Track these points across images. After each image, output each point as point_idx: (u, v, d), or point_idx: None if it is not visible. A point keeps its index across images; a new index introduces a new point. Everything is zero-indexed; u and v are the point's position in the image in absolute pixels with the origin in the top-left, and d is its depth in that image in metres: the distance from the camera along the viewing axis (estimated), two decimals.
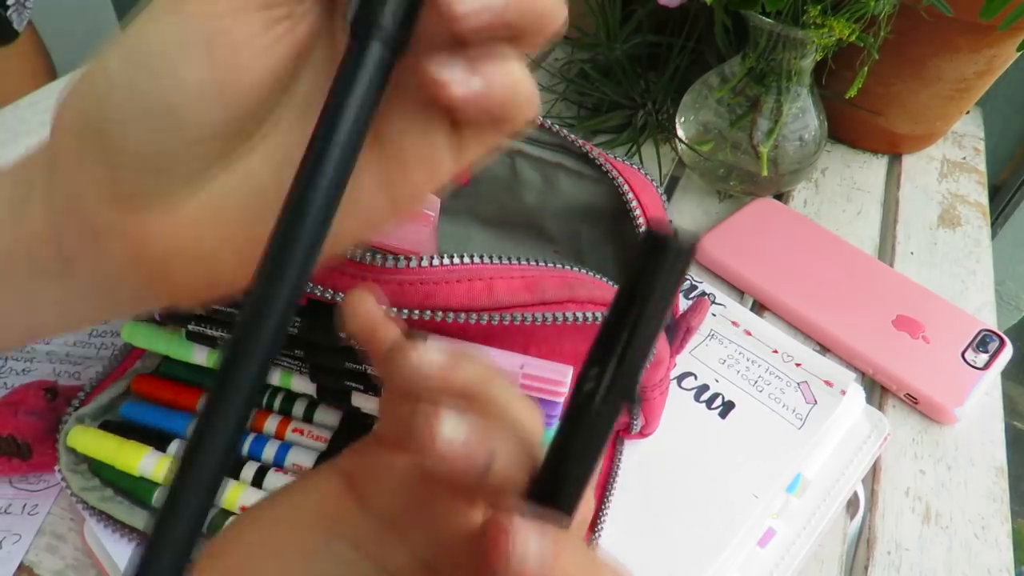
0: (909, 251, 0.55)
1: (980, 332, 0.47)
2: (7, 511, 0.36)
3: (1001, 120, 0.74)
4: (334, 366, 0.32)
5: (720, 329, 0.45)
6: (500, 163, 0.37)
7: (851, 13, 0.45)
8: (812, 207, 0.59)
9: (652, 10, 0.59)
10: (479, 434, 0.16)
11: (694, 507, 0.36)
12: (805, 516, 0.37)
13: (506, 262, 0.30)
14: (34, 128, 0.60)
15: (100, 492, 0.34)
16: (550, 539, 0.14)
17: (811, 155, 0.55)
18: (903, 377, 0.44)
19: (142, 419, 0.36)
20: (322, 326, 0.30)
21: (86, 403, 0.36)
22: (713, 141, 0.56)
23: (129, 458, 0.34)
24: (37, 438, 0.37)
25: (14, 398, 0.38)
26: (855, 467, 0.39)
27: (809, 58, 0.50)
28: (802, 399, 0.41)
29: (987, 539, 0.39)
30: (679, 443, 0.39)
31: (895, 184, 0.62)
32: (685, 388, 0.42)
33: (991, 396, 0.45)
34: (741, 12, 0.48)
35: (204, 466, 0.14)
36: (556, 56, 0.71)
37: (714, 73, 0.56)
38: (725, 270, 0.51)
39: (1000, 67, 0.57)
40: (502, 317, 0.28)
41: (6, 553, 0.35)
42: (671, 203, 0.58)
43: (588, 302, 0.29)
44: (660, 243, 0.14)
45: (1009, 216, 0.83)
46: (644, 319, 0.14)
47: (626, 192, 0.34)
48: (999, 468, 0.42)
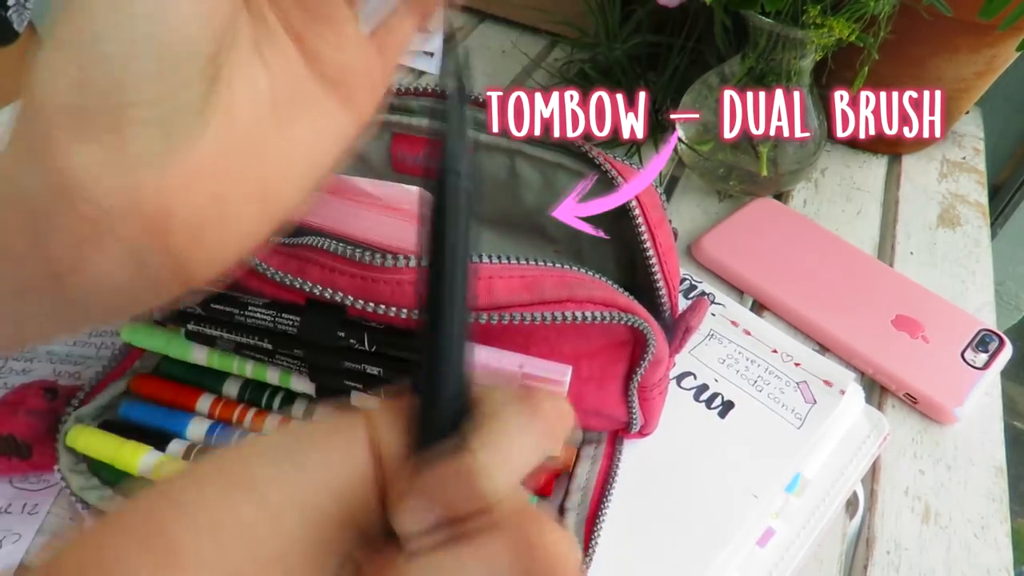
0: (909, 251, 0.55)
1: (980, 332, 0.47)
2: (7, 511, 0.36)
3: (1001, 120, 0.74)
4: (333, 366, 0.32)
5: (719, 329, 0.45)
6: (500, 163, 0.37)
7: (851, 13, 0.45)
8: (812, 207, 0.59)
9: (652, 10, 0.59)
10: None
11: (694, 507, 0.36)
12: (804, 516, 0.37)
13: (505, 262, 0.30)
14: None
15: (100, 492, 0.34)
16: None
17: (811, 155, 0.55)
18: (903, 377, 0.44)
19: (142, 419, 0.36)
20: (322, 326, 0.30)
21: (86, 403, 0.36)
22: (713, 141, 0.56)
23: (129, 458, 0.34)
24: (37, 438, 0.37)
25: (14, 398, 0.38)
26: (854, 467, 0.39)
27: (809, 58, 0.50)
28: (801, 399, 0.41)
29: (986, 539, 0.39)
30: (679, 443, 0.39)
31: (895, 184, 0.62)
32: (684, 388, 0.42)
33: (991, 396, 0.45)
34: (741, 12, 0.48)
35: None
36: (556, 56, 0.71)
37: (714, 73, 0.56)
38: (725, 270, 0.51)
39: (1000, 67, 0.57)
40: (501, 317, 0.28)
41: (6, 553, 0.35)
42: (671, 203, 0.58)
43: (588, 302, 0.29)
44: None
45: (1009, 216, 0.83)
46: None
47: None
48: (999, 468, 0.42)
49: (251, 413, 0.36)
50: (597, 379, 0.34)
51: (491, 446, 0.15)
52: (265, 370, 0.35)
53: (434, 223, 0.17)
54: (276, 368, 0.35)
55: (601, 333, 0.32)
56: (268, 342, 0.32)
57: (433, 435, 0.16)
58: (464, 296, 0.17)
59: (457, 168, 0.17)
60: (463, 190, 0.17)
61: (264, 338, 0.32)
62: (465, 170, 0.17)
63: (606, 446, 0.38)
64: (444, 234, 0.17)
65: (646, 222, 0.33)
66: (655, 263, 0.33)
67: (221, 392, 0.37)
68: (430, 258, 0.17)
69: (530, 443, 0.16)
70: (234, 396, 0.37)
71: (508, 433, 0.16)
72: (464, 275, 0.17)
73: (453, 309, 0.17)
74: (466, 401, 0.17)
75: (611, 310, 0.29)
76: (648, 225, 0.33)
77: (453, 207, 0.17)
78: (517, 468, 0.16)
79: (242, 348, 0.35)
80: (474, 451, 0.15)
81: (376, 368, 0.31)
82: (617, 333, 0.32)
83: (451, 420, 0.16)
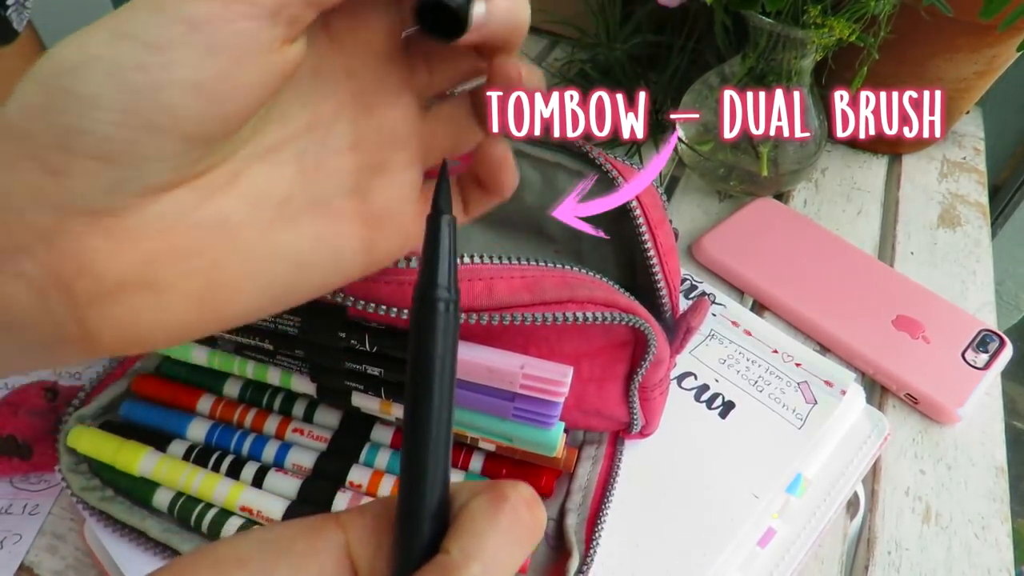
0: (909, 251, 0.55)
1: (980, 332, 0.47)
2: (8, 511, 0.36)
3: (1001, 120, 0.74)
4: (334, 366, 0.32)
5: (720, 329, 0.45)
6: None
7: (851, 13, 0.45)
8: (812, 207, 0.59)
9: (652, 10, 0.59)
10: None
11: (694, 507, 0.36)
12: (805, 516, 0.37)
13: (506, 262, 0.30)
14: None
15: (100, 492, 0.34)
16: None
17: (811, 155, 0.55)
18: (903, 377, 0.44)
19: (142, 419, 0.36)
20: (322, 326, 0.30)
21: (86, 403, 0.36)
22: (713, 141, 0.56)
23: (129, 458, 0.34)
24: (37, 438, 0.37)
25: (15, 398, 0.38)
26: (855, 467, 0.39)
27: (809, 58, 0.50)
28: (802, 399, 0.41)
29: (987, 539, 0.39)
30: (679, 443, 0.39)
31: (895, 184, 0.62)
32: (685, 388, 0.42)
33: (991, 396, 0.45)
34: (741, 12, 0.48)
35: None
36: (556, 56, 0.71)
37: (714, 73, 0.56)
38: (725, 270, 0.51)
39: (1000, 67, 0.57)
40: (502, 317, 0.28)
41: (7, 553, 0.35)
42: (671, 203, 0.58)
43: (588, 302, 0.29)
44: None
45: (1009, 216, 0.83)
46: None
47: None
48: (999, 468, 0.42)
49: (252, 414, 0.36)
50: (598, 379, 0.34)
51: (479, 559, 0.15)
52: (266, 370, 0.35)
53: (419, 344, 0.17)
54: (277, 369, 0.35)
55: (602, 333, 0.32)
56: (269, 342, 0.32)
57: (414, 551, 0.16)
58: (449, 414, 0.17)
59: (447, 293, 0.17)
60: (451, 311, 0.17)
61: (265, 338, 0.32)
62: (453, 292, 0.17)
63: (607, 447, 0.38)
64: (431, 356, 0.17)
65: (647, 222, 0.33)
66: (656, 263, 0.33)
67: (222, 392, 0.37)
68: (415, 376, 0.17)
69: (512, 546, 0.16)
70: (235, 397, 0.37)
71: (490, 540, 0.16)
72: (449, 395, 0.17)
73: (439, 428, 0.17)
74: (446, 514, 0.17)
75: (612, 310, 0.29)
76: (649, 225, 0.33)
77: (440, 329, 0.17)
78: (505, 575, 0.16)
79: (243, 348, 0.35)
80: (465, 568, 0.15)
81: (377, 369, 0.31)
82: (618, 333, 0.32)
83: (431, 535, 0.16)
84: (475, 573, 0.15)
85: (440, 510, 0.16)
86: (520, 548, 0.16)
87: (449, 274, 0.18)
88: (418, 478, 0.16)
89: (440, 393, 0.17)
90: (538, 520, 0.17)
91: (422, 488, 0.16)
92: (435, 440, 0.17)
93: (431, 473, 0.16)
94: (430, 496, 0.16)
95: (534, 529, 0.17)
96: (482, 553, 0.15)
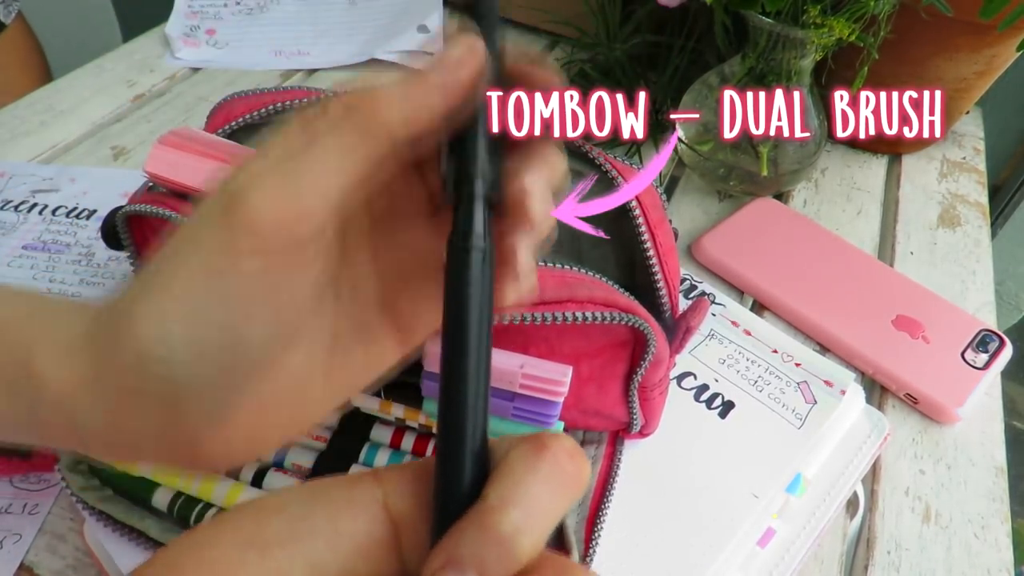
0: (909, 251, 0.55)
1: (980, 332, 0.47)
2: (7, 511, 0.36)
3: (1001, 120, 0.74)
4: None
5: (720, 329, 0.45)
6: None
7: (851, 13, 0.45)
8: (812, 207, 0.59)
9: (652, 10, 0.59)
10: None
11: (694, 507, 0.36)
12: (805, 516, 0.37)
13: None
14: (34, 128, 0.60)
15: (100, 492, 0.34)
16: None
17: (811, 155, 0.55)
18: (903, 377, 0.44)
19: None
20: None
21: None
22: (713, 141, 0.56)
23: None
24: None
25: None
26: (855, 467, 0.39)
27: (809, 58, 0.50)
28: (802, 399, 0.41)
29: (987, 539, 0.39)
30: (679, 443, 0.39)
31: (895, 184, 0.62)
32: (685, 388, 0.42)
33: (991, 396, 0.45)
34: (741, 12, 0.48)
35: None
36: (556, 56, 0.71)
37: (714, 73, 0.56)
38: (725, 270, 0.51)
39: (1000, 67, 0.57)
40: (502, 317, 0.28)
41: (7, 553, 0.35)
42: (671, 203, 0.58)
43: (588, 302, 0.29)
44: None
45: (1009, 216, 0.83)
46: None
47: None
48: (999, 468, 0.42)
49: None
50: (597, 379, 0.34)
51: (518, 505, 0.15)
52: None
53: (454, 289, 0.17)
54: None
55: (601, 333, 0.32)
56: None
57: (454, 498, 0.16)
58: (488, 362, 0.17)
59: (481, 243, 0.17)
60: (485, 257, 0.17)
61: None
62: (488, 243, 0.18)
63: (606, 446, 0.38)
64: (467, 301, 0.17)
65: (646, 222, 0.33)
66: (655, 263, 0.33)
67: None
68: (450, 322, 0.17)
69: (552, 494, 0.16)
70: None
71: (530, 487, 0.15)
72: (487, 343, 0.17)
73: (479, 373, 0.17)
74: (485, 462, 0.16)
75: (611, 310, 0.29)
76: (648, 225, 0.33)
77: (475, 275, 0.17)
78: (546, 524, 0.15)
79: None
80: (503, 512, 0.15)
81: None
82: (617, 333, 0.32)
83: (471, 482, 0.16)
84: (514, 519, 0.15)
85: (480, 458, 0.16)
86: (561, 497, 0.16)
87: (484, 225, 0.18)
88: (458, 426, 0.16)
89: (478, 340, 0.17)
90: (581, 470, 0.16)
91: (462, 435, 0.16)
92: (474, 388, 0.16)
93: (471, 421, 0.16)
94: (471, 443, 0.16)
95: (577, 478, 0.16)
96: (521, 499, 0.15)
